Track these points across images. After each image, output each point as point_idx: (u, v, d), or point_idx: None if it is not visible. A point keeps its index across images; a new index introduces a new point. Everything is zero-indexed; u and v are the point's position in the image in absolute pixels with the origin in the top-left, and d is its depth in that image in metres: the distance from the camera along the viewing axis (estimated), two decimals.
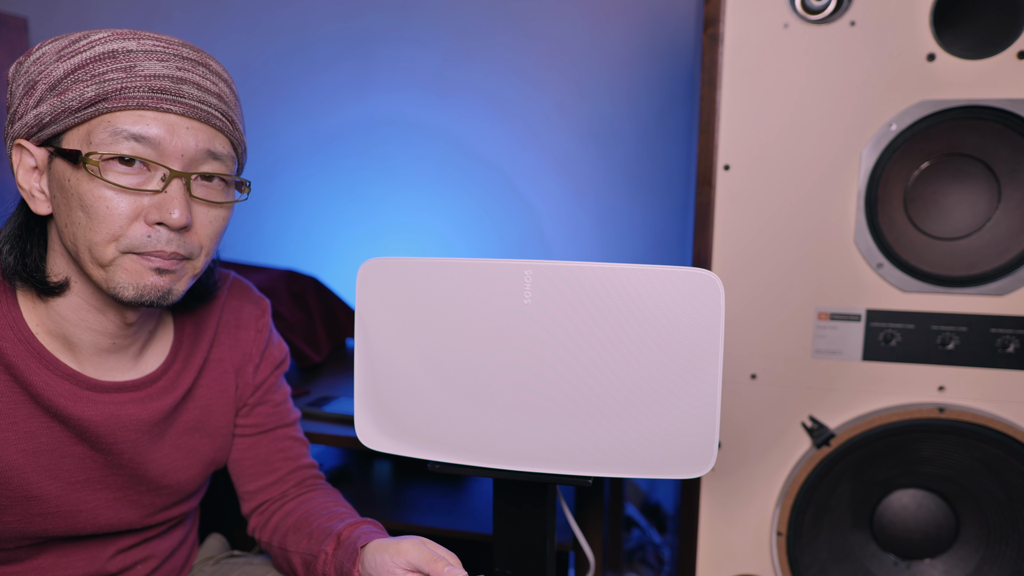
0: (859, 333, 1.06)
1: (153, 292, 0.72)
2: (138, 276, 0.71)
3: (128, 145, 0.68)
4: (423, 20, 1.95)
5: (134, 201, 0.69)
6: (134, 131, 0.68)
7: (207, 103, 0.72)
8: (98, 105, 0.68)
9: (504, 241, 2.00)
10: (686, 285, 0.70)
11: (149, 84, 0.69)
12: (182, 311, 0.88)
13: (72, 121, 0.68)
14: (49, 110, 0.68)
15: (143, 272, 0.71)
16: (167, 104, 0.69)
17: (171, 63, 0.70)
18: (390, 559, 0.74)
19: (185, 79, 0.71)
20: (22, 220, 0.75)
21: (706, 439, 0.72)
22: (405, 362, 0.77)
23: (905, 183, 1.02)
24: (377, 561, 0.75)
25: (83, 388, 0.77)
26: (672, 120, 1.86)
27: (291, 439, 0.97)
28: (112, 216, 0.69)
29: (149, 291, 0.71)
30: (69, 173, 0.69)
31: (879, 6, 0.99)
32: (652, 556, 1.86)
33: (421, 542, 0.75)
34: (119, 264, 0.70)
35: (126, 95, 0.68)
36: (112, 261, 0.70)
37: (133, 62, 0.69)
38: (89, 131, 0.68)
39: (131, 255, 0.70)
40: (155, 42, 0.70)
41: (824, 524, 1.10)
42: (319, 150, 2.07)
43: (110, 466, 0.81)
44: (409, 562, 0.73)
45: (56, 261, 0.75)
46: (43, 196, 0.72)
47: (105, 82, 0.68)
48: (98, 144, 0.68)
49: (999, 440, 1.02)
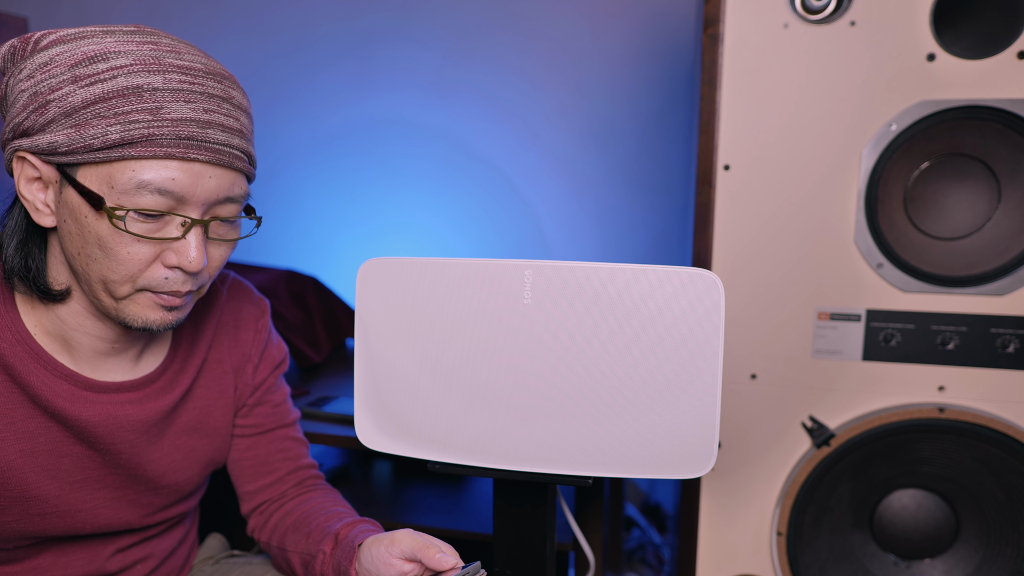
0: (859, 333, 1.06)
1: (161, 324, 0.73)
2: (148, 311, 0.72)
3: (152, 199, 0.66)
4: (423, 20, 1.95)
5: (153, 247, 0.69)
6: (160, 184, 0.66)
7: (231, 145, 0.70)
8: (123, 150, 0.65)
9: (504, 241, 2.00)
10: (686, 285, 0.70)
11: (176, 131, 0.66)
12: None
13: (91, 159, 0.65)
14: (66, 141, 0.65)
15: (154, 308, 0.72)
16: (194, 153, 0.67)
17: (198, 104, 0.67)
18: (385, 550, 0.75)
19: (211, 122, 0.68)
20: (23, 223, 0.74)
21: (706, 439, 0.72)
22: (405, 362, 0.77)
23: (905, 183, 1.02)
24: (373, 555, 0.76)
25: (81, 388, 0.77)
26: (672, 120, 1.86)
27: (291, 439, 0.97)
28: (131, 261, 0.68)
29: (156, 324, 0.73)
30: (87, 211, 0.67)
31: (879, 6, 0.99)
32: (652, 556, 1.86)
33: (413, 532, 0.76)
34: (132, 299, 0.71)
35: (153, 142, 0.65)
36: (126, 296, 0.71)
37: (160, 103, 0.66)
38: (111, 174, 0.66)
39: (146, 292, 0.71)
40: (180, 76, 0.67)
41: (824, 524, 1.10)
42: (319, 150, 2.07)
43: (108, 466, 0.81)
44: (403, 551, 0.74)
45: (58, 270, 0.74)
46: (48, 210, 0.70)
47: (130, 124, 0.65)
48: (121, 193, 0.66)
49: (999, 440, 1.02)
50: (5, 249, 0.73)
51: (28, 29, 2.02)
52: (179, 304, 0.73)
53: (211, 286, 0.90)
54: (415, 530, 0.77)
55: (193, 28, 2.07)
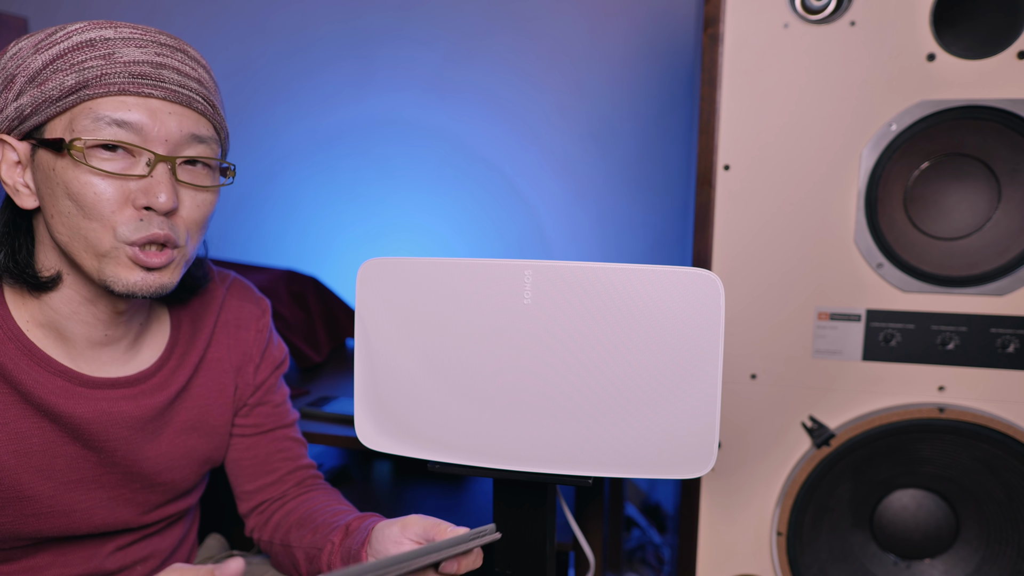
0: (859, 333, 1.06)
1: (144, 288, 0.72)
2: (129, 272, 0.71)
3: (111, 131, 0.68)
4: (423, 20, 1.95)
5: (120, 186, 0.69)
6: (116, 117, 0.68)
7: (188, 87, 0.72)
8: (79, 93, 0.68)
9: (504, 241, 2.00)
10: (686, 285, 0.70)
11: (129, 70, 0.69)
12: (177, 306, 0.88)
13: (53, 111, 0.68)
14: (30, 101, 0.69)
15: (134, 269, 0.71)
16: (148, 89, 0.69)
17: (150, 49, 0.70)
18: (399, 531, 0.76)
19: (165, 64, 0.71)
20: (8, 216, 0.75)
21: (706, 439, 0.72)
22: (405, 362, 0.77)
23: (905, 183, 1.02)
24: (385, 535, 0.76)
25: (76, 384, 0.77)
26: (672, 120, 1.86)
27: (290, 439, 0.97)
28: (100, 202, 0.69)
29: (139, 287, 0.72)
30: (53, 162, 0.69)
31: (879, 6, 0.99)
32: (652, 556, 1.86)
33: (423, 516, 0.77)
34: (114, 257, 0.70)
35: (107, 81, 0.68)
36: (108, 252, 0.70)
37: (112, 49, 0.69)
38: (71, 119, 0.69)
39: (127, 248, 0.70)
40: (132, 30, 0.71)
41: (824, 524, 1.10)
42: (319, 150, 2.07)
43: (103, 464, 0.80)
44: (416, 533, 0.75)
45: (46, 255, 0.75)
46: (28, 191, 0.72)
47: (85, 70, 0.68)
48: (81, 131, 0.68)
49: (999, 440, 1.02)
50: None
51: (28, 29, 2.02)
52: (159, 263, 0.72)
53: (211, 285, 0.90)
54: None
55: (193, 28, 2.07)
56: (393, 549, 0.75)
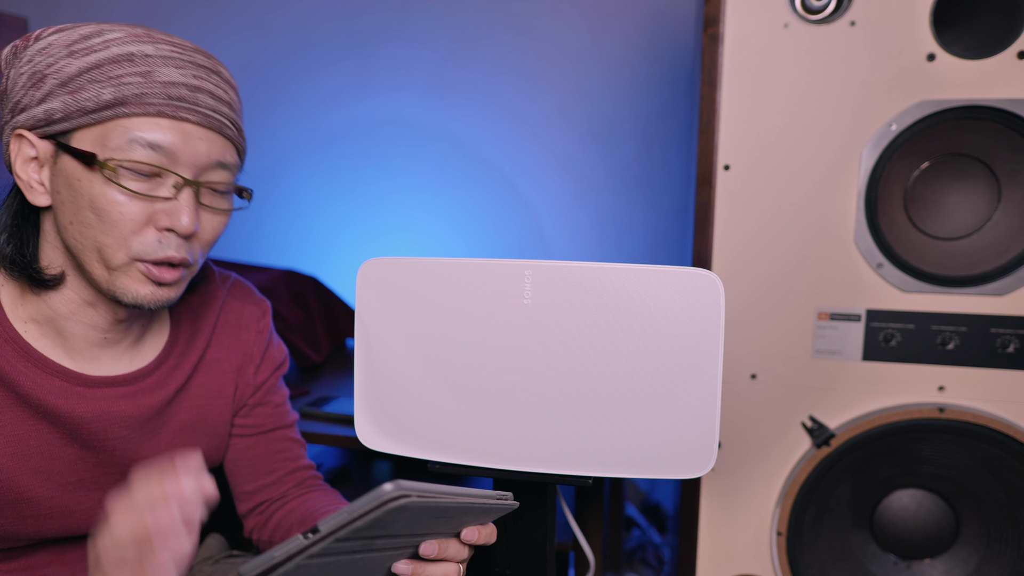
0: (859, 333, 1.06)
1: (152, 301, 0.73)
2: (140, 285, 0.72)
3: (144, 153, 0.68)
4: (423, 20, 1.95)
5: (146, 207, 0.70)
6: (151, 139, 0.68)
7: (220, 112, 0.73)
8: (115, 109, 0.67)
9: (504, 241, 2.00)
10: (686, 285, 0.70)
11: (167, 91, 0.69)
12: (177, 306, 0.88)
13: (85, 121, 0.68)
14: (61, 107, 0.68)
15: (145, 282, 0.72)
16: (184, 113, 0.69)
17: (188, 71, 0.70)
18: None
19: (201, 88, 0.71)
20: (17, 208, 0.74)
21: (706, 439, 0.72)
22: (405, 362, 0.77)
23: (905, 183, 1.02)
24: None
25: (73, 384, 0.77)
26: (672, 120, 1.86)
27: (290, 440, 0.97)
28: (124, 220, 0.69)
29: (147, 300, 0.73)
30: (80, 173, 0.68)
31: (879, 6, 0.99)
32: (652, 556, 1.86)
33: None
34: (125, 271, 0.71)
35: (145, 101, 0.68)
36: (120, 266, 0.71)
37: (151, 67, 0.68)
38: (103, 134, 0.68)
39: (140, 263, 0.71)
40: (171, 47, 0.70)
41: (824, 524, 1.10)
42: (319, 150, 2.07)
43: (102, 465, 0.80)
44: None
45: (50, 253, 0.74)
46: (43, 188, 0.72)
47: (123, 85, 0.67)
48: (114, 149, 0.68)
49: (999, 440, 1.02)
50: (1, 233, 0.73)
51: (28, 29, 2.02)
52: (171, 280, 0.73)
53: (212, 286, 0.90)
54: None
55: (193, 28, 2.07)
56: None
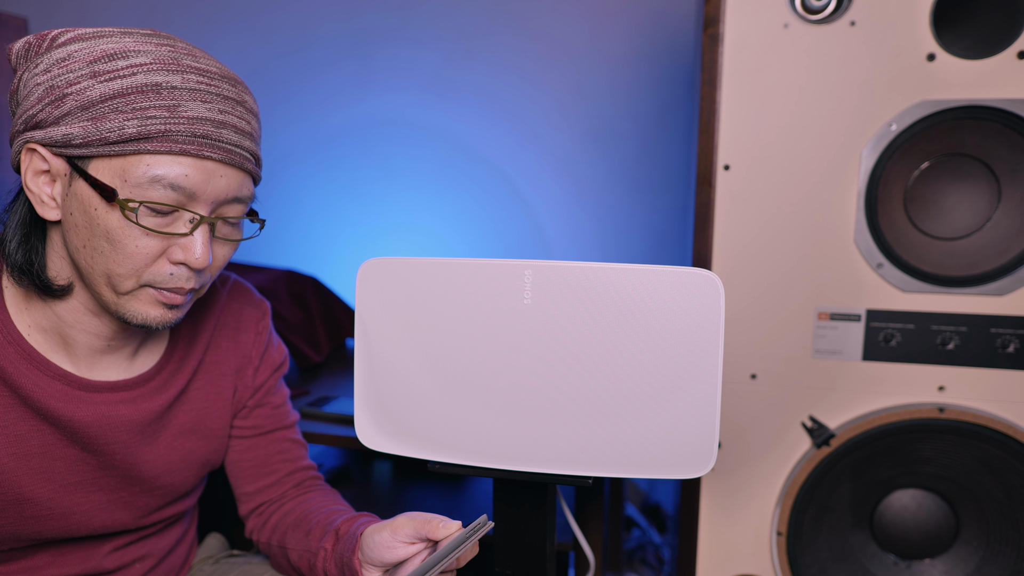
0: (859, 333, 1.06)
1: (160, 322, 0.73)
2: (149, 308, 0.72)
3: (163, 193, 0.67)
4: (423, 20, 1.95)
5: (161, 242, 0.69)
6: (173, 180, 0.67)
7: (242, 147, 0.72)
8: (138, 144, 0.66)
9: (504, 241, 2.00)
10: (686, 285, 0.70)
11: (192, 129, 0.67)
12: None
13: (106, 152, 0.66)
14: (81, 133, 0.66)
15: (155, 305, 0.72)
16: (207, 151, 0.68)
17: (214, 104, 0.69)
18: (390, 536, 0.74)
19: (226, 123, 0.70)
20: (25, 216, 0.74)
21: (706, 439, 0.72)
22: (405, 362, 0.77)
23: (905, 183, 1.02)
24: (376, 541, 0.75)
25: (75, 388, 0.77)
26: (672, 120, 1.86)
27: (290, 441, 0.97)
28: (140, 254, 0.69)
29: (155, 321, 0.73)
30: (97, 203, 0.67)
31: (879, 6, 0.99)
32: (652, 556, 1.86)
33: (411, 513, 0.76)
34: (134, 295, 0.71)
35: (169, 139, 0.66)
36: (129, 292, 0.71)
37: (177, 101, 0.67)
38: (124, 167, 0.67)
39: (149, 288, 0.71)
40: (198, 77, 0.69)
41: (824, 524, 1.10)
42: (319, 150, 2.07)
43: (102, 467, 0.81)
44: (408, 534, 0.74)
45: (57, 263, 0.74)
46: (54, 203, 0.71)
47: (148, 120, 0.66)
48: (134, 186, 0.67)
49: (999, 440, 1.02)
50: (8, 243, 0.73)
51: (28, 29, 2.02)
52: (180, 303, 0.73)
53: (211, 287, 0.90)
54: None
55: (193, 28, 2.07)
56: (387, 555, 0.74)
